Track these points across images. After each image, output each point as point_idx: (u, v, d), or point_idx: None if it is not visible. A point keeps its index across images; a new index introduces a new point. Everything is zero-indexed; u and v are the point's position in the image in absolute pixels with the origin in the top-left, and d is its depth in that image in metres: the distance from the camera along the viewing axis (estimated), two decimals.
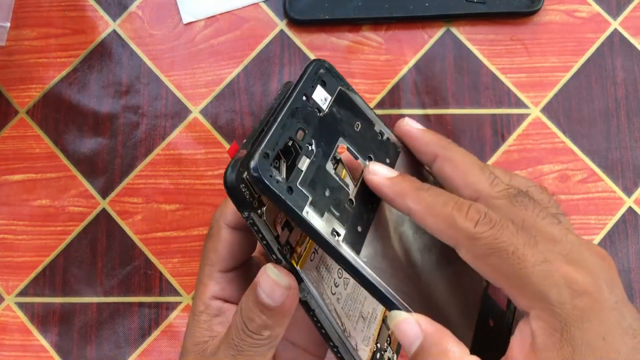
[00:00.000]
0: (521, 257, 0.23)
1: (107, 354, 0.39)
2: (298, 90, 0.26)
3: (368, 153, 0.28)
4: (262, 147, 0.24)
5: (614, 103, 0.41)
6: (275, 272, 0.26)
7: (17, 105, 0.41)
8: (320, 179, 0.26)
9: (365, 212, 0.27)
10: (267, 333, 0.27)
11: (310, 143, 0.26)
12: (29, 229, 0.40)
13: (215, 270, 0.30)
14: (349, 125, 0.27)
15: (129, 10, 0.42)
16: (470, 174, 0.26)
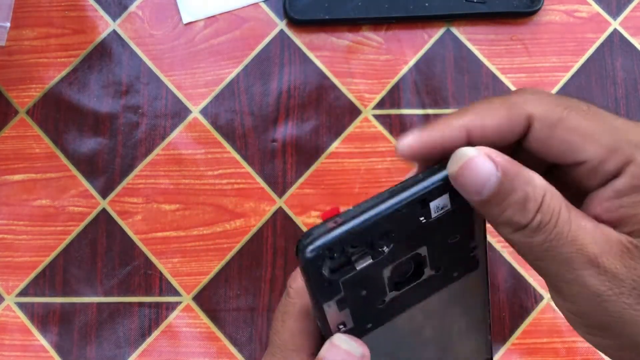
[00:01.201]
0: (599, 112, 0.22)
1: (107, 354, 0.39)
2: (418, 195, 0.22)
3: (440, 265, 0.24)
4: (328, 239, 0.21)
5: (614, 103, 0.41)
6: (346, 341, 0.23)
7: (17, 105, 0.41)
8: (366, 280, 0.23)
9: (389, 314, 0.25)
10: None
11: (386, 246, 0.23)
12: (29, 229, 0.40)
13: (306, 355, 0.25)
14: (445, 237, 0.24)
15: (129, 10, 0.42)
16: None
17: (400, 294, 0.24)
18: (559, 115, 0.22)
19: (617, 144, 0.21)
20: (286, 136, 0.40)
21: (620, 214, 0.21)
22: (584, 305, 0.22)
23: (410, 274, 0.24)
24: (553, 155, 0.22)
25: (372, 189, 0.40)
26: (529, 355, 0.39)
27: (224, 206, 0.40)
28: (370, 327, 0.25)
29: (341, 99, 0.41)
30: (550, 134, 0.22)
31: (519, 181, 0.21)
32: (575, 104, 0.22)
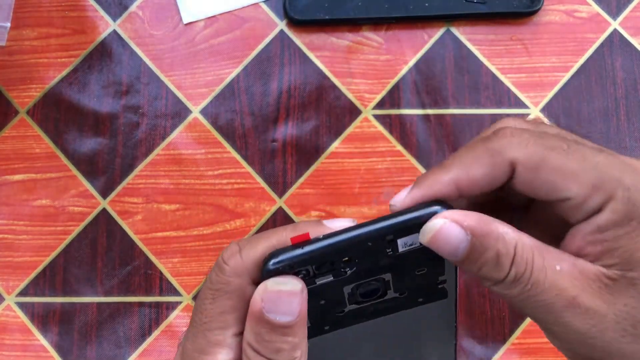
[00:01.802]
0: (578, 149, 0.22)
1: (107, 354, 0.39)
2: (384, 230, 0.23)
3: (405, 290, 0.25)
4: (292, 256, 0.23)
5: (614, 103, 0.41)
6: (281, 281, 0.23)
7: (17, 105, 0.41)
8: (326, 293, 0.25)
9: (347, 322, 0.26)
10: (298, 353, 0.23)
11: (349, 268, 0.24)
12: (29, 229, 0.40)
13: (230, 335, 0.25)
14: (412, 269, 0.25)
15: (129, 10, 0.42)
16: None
17: (362, 307, 0.25)
18: (541, 157, 0.22)
19: (599, 182, 0.22)
20: (286, 136, 0.40)
21: (603, 248, 0.22)
22: (573, 344, 0.22)
23: (373, 295, 0.25)
24: (538, 195, 0.23)
25: (372, 189, 0.40)
26: (529, 355, 0.39)
27: (224, 206, 0.40)
28: (328, 330, 0.26)
29: (341, 99, 0.41)
30: (534, 176, 0.22)
31: (490, 240, 0.22)
32: (557, 143, 0.23)
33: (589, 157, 0.22)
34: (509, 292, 0.22)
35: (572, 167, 0.22)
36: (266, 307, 0.23)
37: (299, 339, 0.23)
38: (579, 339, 0.22)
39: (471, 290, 0.39)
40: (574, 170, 0.22)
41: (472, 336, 0.39)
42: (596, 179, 0.22)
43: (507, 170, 0.23)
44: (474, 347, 0.39)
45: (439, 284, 0.25)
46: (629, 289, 0.21)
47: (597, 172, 0.22)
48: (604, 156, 0.22)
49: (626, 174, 0.22)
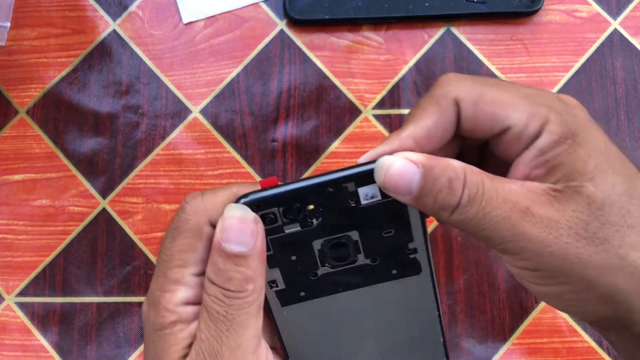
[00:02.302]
0: (511, 84, 0.25)
1: (107, 354, 0.39)
2: (344, 177, 0.24)
3: (374, 256, 0.26)
4: (259, 197, 0.24)
5: (614, 103, 0.41)
6: (239, 207, 0.24)
7: (17, 105, 0.41)
8: (296, 247, 0.26)
9: (322, 288, 0.27)
10: (250, 286, 0.24)
11: (315, 218, 0.25)
12: (29, 229, 0.40)
13: (189, 273, 0.25)
14: (377, 228, 0.25)
15: (129, 10, 0.42)
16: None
17: (334, 272, 0.26)
18: (479, 91, 0.25)
19: (534, 109, 0.24)
20: (286, 136, 0.40)
21: (546, 168, 0.24)
22: (531, 257, 0.23)
23: (343, 256, 0.26)
24: (482, 128, 0.25)
25: None
26: (529, 355, 0.39)
27: None
28: (304, 297, 0.27)
29: (341, 98, 0.41)
30: (475, 109, 0.25)
31: (440, 168, 0.23)
32: (491, 80, 0.26)
33: (522, 90, 0.25)
34: (466, 216, 0.23)
35: (509, 98, 0.24)
36: (222, 236, 0.24)
37: (253, 272, 0.24)
38: (537, 249, 0.23)
39: (471, 290, 0.39)
40: (511, 101, 0.24)
41: (472, 336, 0.39)
42: (531, 106, 0.24)
43: (454, 112, 0.25)
44: (474, 347, 0.39)
45: (409, 253, 0.26)
46: (574, 196, 0.23)
47: (530, 101, 0.24)
48: (534, 89, 0.25)
49: (555, 102, 0.25)
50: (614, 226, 0.23)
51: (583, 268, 0.23)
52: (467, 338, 0.39)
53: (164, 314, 0.25)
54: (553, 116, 0.24)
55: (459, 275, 0.39)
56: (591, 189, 0.23)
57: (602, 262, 0.23)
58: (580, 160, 0.23)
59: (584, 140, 0.24)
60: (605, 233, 0.23)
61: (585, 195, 0.23)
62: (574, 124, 0.24)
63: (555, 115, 0.24)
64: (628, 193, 0.24)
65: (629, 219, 0.23)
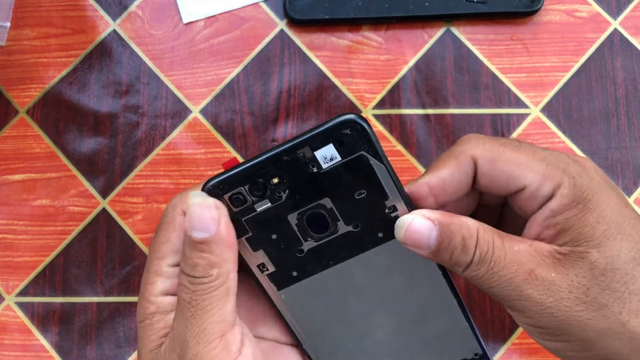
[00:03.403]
0: (529, 147, 0.26)
1: (107, 354, 0.39)
2: (295, 144, 0.24)
3: (355, 221, 0.26)
4: (221, 178, 0.25)
5: (614, 103, 0.41)
6: (198, 194, 0.25)
7: (17, 105, 0.41)
8: (273, 224, 0.26)
9: (313, 265, 0.27)
10: (214, 271, 0.24)
11: (282, 191, 0.25)
12: (29, 229, 0.40)
13: (165, 264, 0.27)
14: (348, 190, 0.25)
15: (129, 10, 0.42)
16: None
17: (320, 246, 0.26)
18: (497, 151, 0.26)
19: (549, 171, 0.25)
20: (286, 136, 0.40)
21: (556, 230, 0.25)
22: (535, 317, 0.25)
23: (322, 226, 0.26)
24: (499, 187, 0.26)
25: None
26: (529, 355, 0.39)
27: None
28: (297, 276, 0.27)
29: (341, 98, 0.41)
30: (493, 167, 0.26)
31: (455, 226, 0.25)
32: (509, 141, 0.27)
33: (538, 151, 0.26)
34: (477, 273, 0.25)
35: (524, 159, 0.26)
36: (187, 225, 0.24)
37: (216, 257, 0.25)
38: (539, 310, 0.24)
39: (471, 290, 0.39)
40: (526, 162, 0.26)
41: None
42: (546, 168, 0.25)
43: (471, 167, 0.26)
44: None
45: (389, 212, 0.26)
46: (578, 261, 0.24)
47: (546, 163, 0.26)
48: (550, 152, 0.26)
49: (570, 165, 0.26)
50: (615, 292, 0.24)
51: (582, 330, 0.24)
52: None
53: (145, 305, 0.26)
54: (566, 180, 0.25)
55: (459, 276, 0.39)
56: (595, 255, 0.24)
57: (600, 326, 0.24)
58: (588, 226, 0.24)
59: (595, 205, 0.25)
60: (606, 299, 0.24)
61: (589, 260, 0.24)
62: (587, 189, 0.25)
63: (568, 179, 0.25)
64: (634, 259, 0.24)
65: (632, 286, 0.24)
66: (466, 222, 0.25)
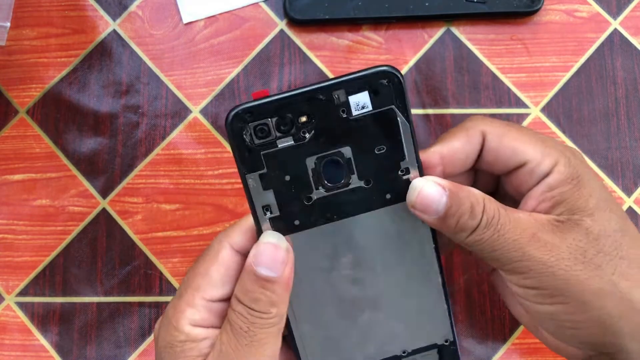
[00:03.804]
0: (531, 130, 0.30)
1: (107, 354, 0.39)
2: (333, 83, 0.25)
3: (368, 177, 0.26)
4: (250, 105, 0.25)
5: (614, 103, 0.41)
6: (275, 235, 0.26)
7: (17, 105, 0.41)
8: (290, 165, 0.26)
9: (317, 216, 0.27)
10: (274, 310, 0.26)
11: (307, 131, 0.25)
12: (29, 229, 0.40)
13: (200, 297, 0.27)
14: (370, 143, 0.26)
15: (129, 10, 0.42)
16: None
17: (329, 197, 0.26)
18: (504, 129, 0.29)
19: (547, 150, 0.28)
20: None
21: (552, 203, 0.27)
22: (535, 276, 0.26)
23: (337, 176, 0.26)
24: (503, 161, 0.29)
25: None
26: (529, 355, 0.39)
27: (224, 206, 0.40)
28: (299, 226, 0.27)
29: None
30: (499, 143, 0.28)
31: (463, 194, 0.26)
32: (513, 124, 0.30)
33: (538, 134, 0.29)
34: (483, 237, 0.26)
35: (527, 138, 0.28)
36: (255, 260, 0.26)
37: (277, 297, 0.26)
38: (541, 269, 0.26)
39: (471, 290, 0.39)
40: (529, 140, 0.28)
41: (472, 336, 0.39)
42: (545, 147, 0.28)
43: (479, 142, 0.29)
44: (474, 347, 0.39)
45: (402, 174, 0.27)
46: (574, 227, 0.27)
47: (545, 144, 0.28)
48: (547, 136, 0.29)
49: (563, 148, 0.29)
50: (607, 255, 0.27)
51: (580, 290, 0.26)
52: (467, 338, 0.39)
53: (174, 333, 0.27)
54: (562, 159, 0.28)
55: (459, 275, 0.39)
56: (589, 223, 0.27)
57: (596, 285, 0.26)
58: (582, 198, 0.27)
59: (586, 182, 0.27)
60: (600, 260, 0.26)
61: (584, 227, 0.27)
62: (579, 167, 0.28)
63: (564, 158, 0.28)
64: (621, 230, 0.27)
65: (621, 252, 0.27)
66: (473, 191, 0.27)
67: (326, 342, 0.29)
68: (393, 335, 0.29)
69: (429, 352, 0.30)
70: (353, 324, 0.29)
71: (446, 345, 0.30)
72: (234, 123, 0.25)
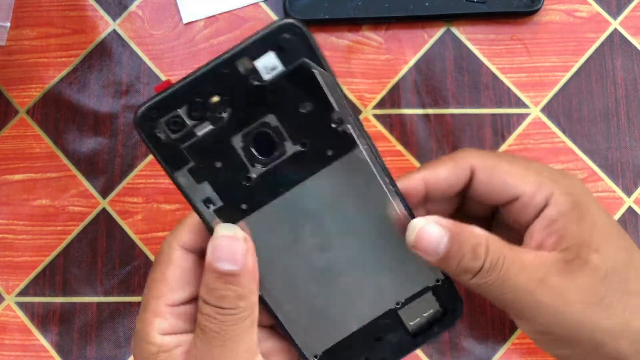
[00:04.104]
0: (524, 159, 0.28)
1: (107, 354, 0.39)
2: (233, 53, 0.22)
3: (302, 139, 0.24)
4: (154, 100, 0.23)
5: (614, 103, 0.41)
6: (229, 227, 0.25)
7: (17, 105, 0.41)
8: (216, 150, 0.24)
9: (263, 194, 0.25)
10: (243, 303, 0.25)
11: (223, 111, 0.23)
12: (29, 229, 0.40)
13: (163, 304, 0.26)
14: (293, 104, 0.24)
15: (129, 10, 0.42)
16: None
17: (268, 171, 0.24)
18: (494, 162, 0.27)
19: (541, 181, 0.27)
20: None
21: (557, 237, 0.26)
22: (545, 322, 0.25)
23: (270, 147, 0.24)
24: (494, 195, 0.27)
25: None
26: (529, 355, 0.39)
27: None
28: (247, 209, 0.25)
29: None
30: (489, 176, 0.27)
31: (465, 235, 0.25)
32: (504, 155, 0.28)
33: (531, 164, 0.28)
34: (487, 280, 0.25)
35: (518, 170, 0.27)
36: (213, 256, 0.24)
37: (243, 289, 0.25)
38: (550, 315, 0.25)
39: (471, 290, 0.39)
40: (521, 173, 0.27)
41: (472, 336, 0.39)
42: (539, 178, 0.27)
43: (467, 173, 0.27)
44: (474, 347, 0.39)
45: (337, 125, 0.25)
46: (583, 267, 0.25)
47: (538, 174, 0.27)
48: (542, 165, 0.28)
49: (559, 177, 0.27)
50: (617, 293, 0.26)
51: (592, 331, 0.25)
52: (467, 338, 0.39)
53: (146, 347, 0.26)
54: (558, 189, 0.26)
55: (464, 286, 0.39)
56: (597, 260, 0.25)
57: (609, 325, 0.25)
58: (586, 231, 0.26)
59: (587, 212, 0.26)
60: (610, 299, 0.25)
61: (592, 265, 0.25)
62: (578, 197, 0.26)
63: (560, 188, 0.27)
64: (628, 262, 0.26)
65: (628, 285, 0.26)
66: (476, 231, 0.26)
67: (314, 316, 0.27)
68: (380, 290, 0.28)
69: (425, 297, 0.28)
70: (335, 291, 0.27)
71: (439, 284, 0.28)
72: (143, 124, 0.23)
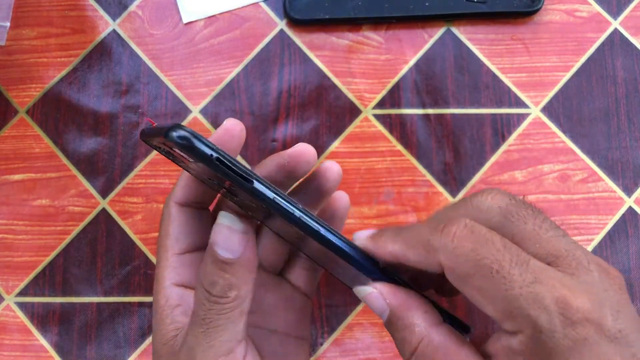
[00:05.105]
0: (507, 276, 0.21)
1: (107, 354, 0.39)
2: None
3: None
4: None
5: (614, 103, 0.41)
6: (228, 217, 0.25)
7: (17, 105, 0.41)
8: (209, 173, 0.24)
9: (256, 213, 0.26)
10: (233, 293, 0.24)
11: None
12: (29, 229, 0.40)
13: (170, 255, 0.28)
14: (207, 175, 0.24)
15: (129, 10, 0.42)
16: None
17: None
18: (466, 273, 0.22)
19: (512, 313, 0.21)
20: (286, 136, 0.40)
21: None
22: None
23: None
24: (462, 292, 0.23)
25: (372, 189, 0.40)
26: None
27: None
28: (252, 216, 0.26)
29: (341, 98, 0.41)
30: (458, 283, 0.22)
31: (401, 324, 0.24)
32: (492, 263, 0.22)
33: (516, 286, 0.21)
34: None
35: (491, 292, 0.21)
36: (213, 238, 0.24)
37: (237, 280, 0.24)
38: None
39: None
40: (492, 296, 0.21)
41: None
42: (509, 309, 0.21)
43: (437, 268, 0.23)
44: None
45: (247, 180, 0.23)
46: None
47: (510, 305, 0.21)
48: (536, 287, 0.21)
49: (544, 314, 0.21)
50: None
51: None
52: None
53: (157, 298, 0.27)
54: (529, 331, 0.21)
55: None
56: None
57: None
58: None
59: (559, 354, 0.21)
60: None
61: None
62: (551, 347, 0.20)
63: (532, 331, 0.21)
64: None
65: None
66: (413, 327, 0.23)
67: None
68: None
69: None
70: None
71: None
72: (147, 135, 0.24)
